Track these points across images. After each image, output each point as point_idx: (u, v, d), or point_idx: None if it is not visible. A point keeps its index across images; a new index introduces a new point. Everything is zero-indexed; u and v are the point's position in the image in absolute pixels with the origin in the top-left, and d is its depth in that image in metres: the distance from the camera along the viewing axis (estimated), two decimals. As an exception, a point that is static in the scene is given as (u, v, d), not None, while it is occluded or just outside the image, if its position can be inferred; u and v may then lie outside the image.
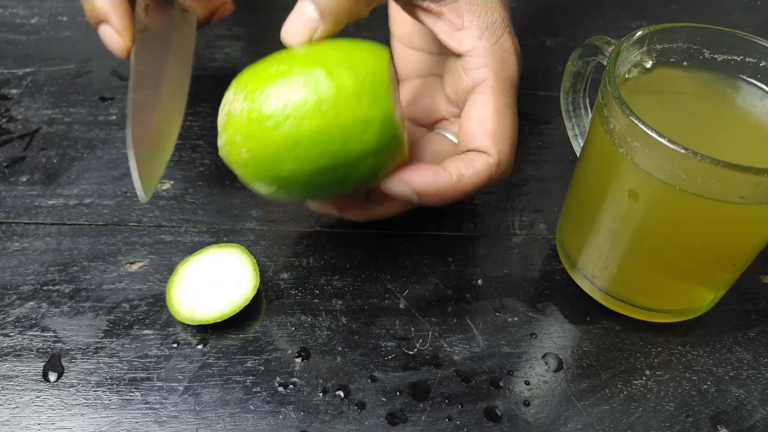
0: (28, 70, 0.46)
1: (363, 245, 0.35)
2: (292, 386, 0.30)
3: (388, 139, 0.28)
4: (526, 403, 0.29)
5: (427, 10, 0.32)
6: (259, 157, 0.27)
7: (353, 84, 0.27)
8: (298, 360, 0.31)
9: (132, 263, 0.34)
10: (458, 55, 0.32)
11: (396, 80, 0.31)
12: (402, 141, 0.29)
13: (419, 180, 0.29)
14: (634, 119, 0.25)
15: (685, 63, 0.31)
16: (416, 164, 0.30)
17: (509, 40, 0.32)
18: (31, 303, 0.32)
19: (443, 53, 0.35)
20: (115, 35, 0.34)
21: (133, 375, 0.30)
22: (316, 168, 0.27)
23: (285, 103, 0.27)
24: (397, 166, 0.30)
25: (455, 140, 0.34)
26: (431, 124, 0.36)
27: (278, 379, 0.30)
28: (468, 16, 0.31)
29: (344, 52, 0.28)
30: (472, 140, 0.31)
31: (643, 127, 0.25)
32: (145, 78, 0.33)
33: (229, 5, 0.40)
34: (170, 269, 0.34)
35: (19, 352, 0.30)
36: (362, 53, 0.28)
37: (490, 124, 0.31)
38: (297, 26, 0.29)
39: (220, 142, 0.29)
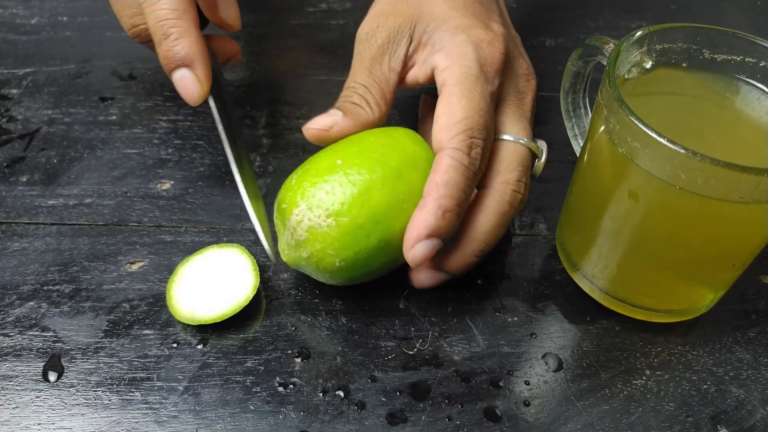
0: (28, 70, 0.46)
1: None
2: (292, 386, 0.30)
3: None
4: (526, 403, 0.29)
5: (410, 67, 0.34)
6: (354, 263, 0.29)
7: (421, 179, 0.30)
8: (298, 360, 0.31)
9: (132, 263, 0.34)
10: (433, 77, 0.33)
11: None
12: None
13: (413, 228, 0.29)
14: (634, 119, 0.25)
15: (684, 63, 0.31)
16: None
17: (463, 35, 0.33)
18: (31, 303, 0.32)
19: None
20: (195, 82, 0.33)
21: (133, 375, 0.30)
22: (400, 259, 0.30)
23: (373, 212, 0.29)
24: None
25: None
26: None
27: (278, 379, 0.30)
28: (429, 45, 0.34)
29: (399, 148, 0.31)
30: (433, 142, 0.31)
31: (643, 128, 0.25)
32: (230, 132, 0.33)
33: (239, 55, 0.39)
34: (170, 269, 0.34)
35: (19, 352, 0.30)
36: (413, 147, 0.31)
37: (441, 119, 0.31)
38: (319, 119, 0.32)
39: (303, 254, 0.30)
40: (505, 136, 0.32)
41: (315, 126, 0.32)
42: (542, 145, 0.34)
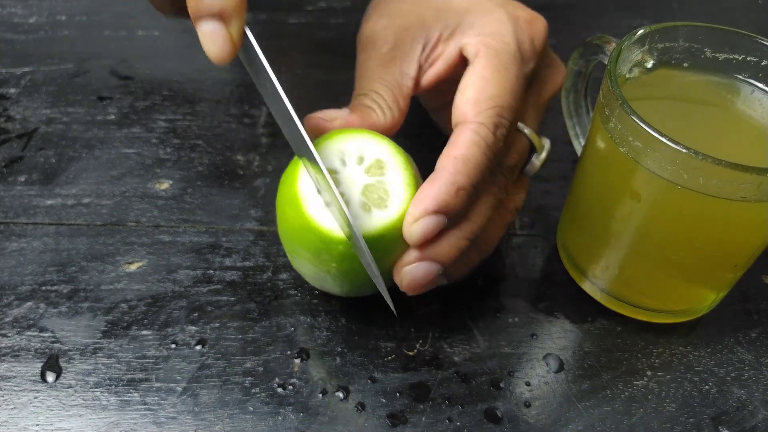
0: (27, 69, 0.46)
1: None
2: (291, 387, 0.29)
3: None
4: (527, 405, 0.29)
5: (429, 67, 0.31)
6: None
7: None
8: (298, 361, 0.30)
9: (130, 263, 0.34)
10: (459, 55, 0.31)
11: None
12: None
13: (420, 200, 0.26)
14: (635, 119, 0.25)
15: (686, 62, 0.31)
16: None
17: (500, 10, 0.30)
18: (29, 303, 0.32)
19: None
20: (227, 40, 0.26)
21: (131, 376, 0.29)
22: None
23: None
24: None
25: None
26: None
27: (277, 379, 0.30)
28: (457, 33, 0.31)
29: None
30: (455, 113, 0.28)
31: (644, 127, 0.25)
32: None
33: None
34: (168, 269, 0.34)
35: (17, 353, 0.30)
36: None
37: (469, 91, 0.28)
38: (324, 111, 0.30)
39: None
40: None
41: (317, 115, 0.30)
42: (546, 142, 0.32)
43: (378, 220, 0.27)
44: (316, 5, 0.53)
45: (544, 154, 0.32)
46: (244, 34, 0.27)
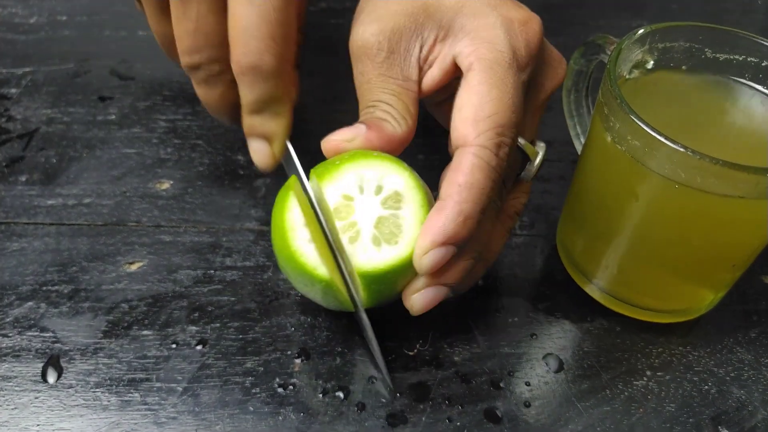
0: (27, 69, 0.46)
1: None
2: (291, 387, 0.29)
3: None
4: (527, 404, 0.29)
5: (426, 70, 0.30)
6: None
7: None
8: (298, 361, 0.30)
9: (131, 263, 0.34)
10: (453, 63, 0.29)
11: None
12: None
13: (428, 233, 0.26)
14: (634, 118, 0.25)
15: (686, 62, 0.31)
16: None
17: (493, 13, 0.28)
18: (30, 303, 0.32)
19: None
20: (269, 156, 0.31)
21: (132, 376, 0.30)
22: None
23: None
24: None
25: None
26: None
27: (278, 380, 0.30)
28: (450, 35, 0.29)
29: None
30: (454, 134, 0.27)
31: (643, 126, 0.25)
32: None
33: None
34: (169, 269, 0.34)
35: (17, 353, 0.30)
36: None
37: (467, 110, 0.27)
38: (340, 131, 0.29)
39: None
40: None
41: (335, 138, 0.29)
42: (540, 148, 0.31)
43: (387, 257, 0.26)
44: (316, 5, 0.53)
45: (537, 161, 0.31)
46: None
